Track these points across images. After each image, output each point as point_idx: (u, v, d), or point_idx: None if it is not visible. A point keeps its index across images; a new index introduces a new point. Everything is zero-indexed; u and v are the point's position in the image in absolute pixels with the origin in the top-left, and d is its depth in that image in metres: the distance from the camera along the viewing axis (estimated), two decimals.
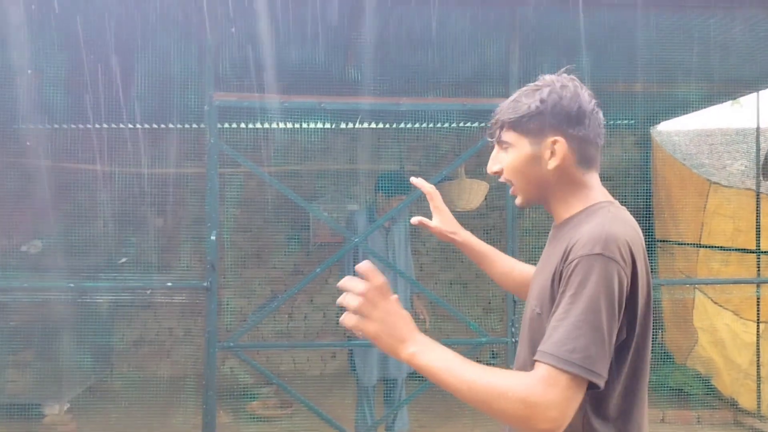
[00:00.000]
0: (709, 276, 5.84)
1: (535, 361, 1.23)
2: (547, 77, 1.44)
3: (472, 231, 1.87)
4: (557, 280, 1.32)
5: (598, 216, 1.36)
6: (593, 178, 1.46)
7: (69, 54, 3.99)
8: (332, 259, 3.88)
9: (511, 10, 3.70)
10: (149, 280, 5.32)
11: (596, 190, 1.45)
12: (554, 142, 1.40)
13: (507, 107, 1.46)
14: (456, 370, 1.22)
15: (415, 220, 1.92)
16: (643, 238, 1.38)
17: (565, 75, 1.45)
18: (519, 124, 1.43)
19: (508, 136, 1.45)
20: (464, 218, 6.84)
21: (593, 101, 1.43)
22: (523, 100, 1.43)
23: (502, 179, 1.52)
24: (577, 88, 1.41)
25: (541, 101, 1.39)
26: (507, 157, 1.47)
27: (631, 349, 1.31)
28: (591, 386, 1.22)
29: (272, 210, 6.60)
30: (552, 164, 1.41)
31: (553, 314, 1.26)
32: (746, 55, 4.65)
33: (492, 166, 1.51)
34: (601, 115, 1.45)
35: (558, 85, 1.41)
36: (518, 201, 1.51)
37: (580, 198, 1.44)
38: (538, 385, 1.18)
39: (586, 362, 1.19)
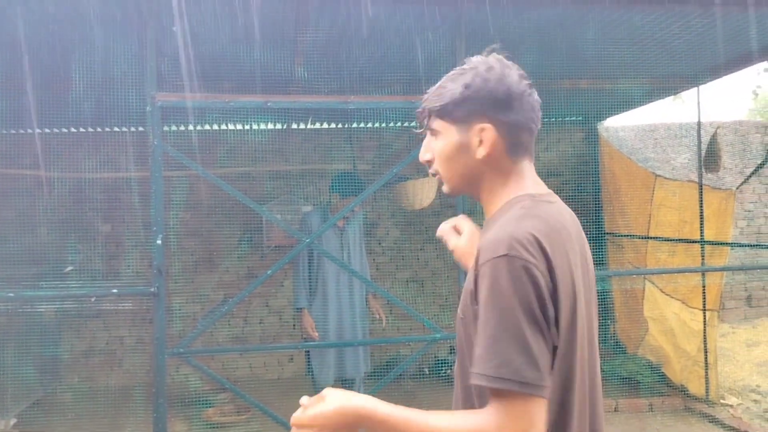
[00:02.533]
0: (657, 266, 5.99)
1: (473, 384, 1.17)
2: (474, 59, 1.33)
3: (426, 229, 1.80)
4: (475, 286, 1.22)
5: (509, 214, 1.26)
6: (525, 167, 1.35)
7: (1, 54, 3.84)
8: (283, 260, 3.83)
9: (456, 7, 3.72)
10: (93, 287, 5.17)
11: (526, 181, 1.34)
12: (482, 130, 1.29)
13: (432, 94, 1.35)
14: (414, 420, 1.17)
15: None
16: (573, 234, 1.29)
17: (493, 56, 1.34)
18: (444, 112, 1.33)
19: (435, 124, 1.36)
20: (420, 216, 6.89)
21: (524, 82, 1.31)
22: (447, 86, 1.33)
23: (431, 170, 1.41)
24: (504, 69, 1.30)
25: (465, 86, 1.29)
26: (434, 145, 1.38)
27: (557, 356, 1.18)
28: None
29: (223, 213, 6.49)
30: (481, 153, 1.31)
31: (476, 326, 1.18)
32: (686, 51, 4.78)
33: (423, 155, 1.41)
34: (535, 96, 1.34)
35: (483, 67, 1.30)
36: (445, 189, 1.41)
37: (507, 189, 1.34)
38: (494, 418, 1.11)
39: (517, 375, 1.09)
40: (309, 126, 6.93)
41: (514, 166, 1.34)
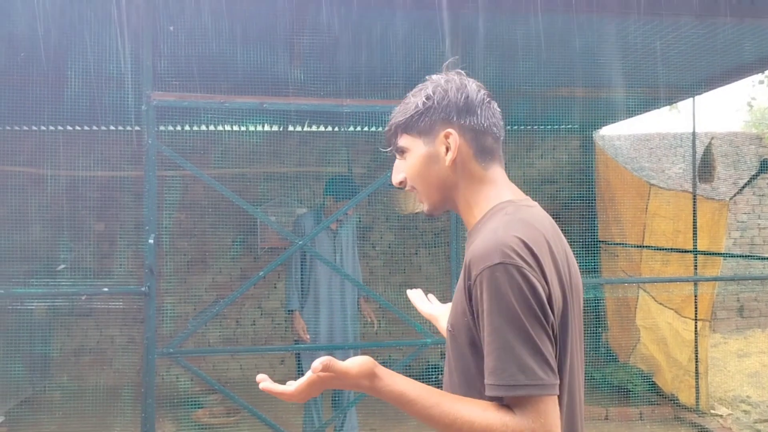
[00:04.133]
0: (650, 275, 6.00)
1: (492, 396, 1.17)
2: (434, 76, 1.40)
3: (421, 234, 1.81)
4: (467, 298, 1.24)
5: (493, 221, 1.28)
6: (497, 173, 1.38)
7: None
8: (276, 262, 3.82)
9: (454, 14, 3.73)
10: (85, 285, 5.15)
11: (501, 188, 1.37)
12: (447, 135, 1.35)
13: (397, 111, 1.41)
14: (432, 399, 1.19)
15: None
16: (554, 237, 1.31)
17: (452, 71, 1.40)
18: (410, 126, 1.38)
19: (403, 140, 1.40)
20: (414, 221, 6.89)
21: (482, 92, 1.38)
22: (411, 100, 1.39)
23: (407, 189, 1.44)
24: (462, 80, 1.38)
25: (427, 98, 1.36)
26: (405, 165, 1.41)
27: (568, 351, 1.24)
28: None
29: (217, 214, 6.48)
30: (449, 158, 1.35)
31: (483, 338, 1.19)
32: (682, 61, 4.81)
33: (396, 177, 1.44)
34: (495, 106, 1.40)
35: (443, 80, 1.38)
36: (425, 208, 1.43)
37: (484, 198, 1.36)
38: (519, 422, 1.13)
39: (533, 379, 1.13)
40: (305, 128, 6.94)
41: (486, 173, 1.37)
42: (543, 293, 1.17)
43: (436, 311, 1.73)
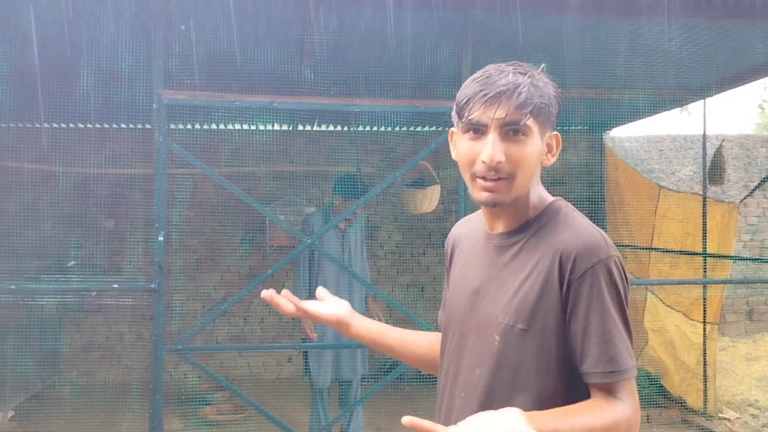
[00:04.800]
0: (659, 278, 5.98)
1: (603, 383, 1.23)
2: (524, 64, 1.32)
3: (429, 234, 1.76)
4: (560, 292, 1.24)
5: (569, 217, 1.32)
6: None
7: (11, 49, 3.86)
8: (284, 260, 3.84)
9: (464, 14, 3.73)
10: (95, 281, 5.19)
11: (542, 188, 1.39)
12: (555, 138, 1.35)
13: (532, 91, 1.26)
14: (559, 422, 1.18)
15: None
16: None
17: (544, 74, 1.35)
18: (542, 112, 1.28)
19: (531, 123, 1.27)
20: (422, 221, 6.89)
21: None
22: (540, 85, 1.29)
23: (497, 173, 1.27)
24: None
25: (556, 94, 1.32)
26: (519, 148, 1.27)
27: None
28: None
29: (226, 212, 6.51)
30: (550, 161, 1.35)
31: (586, 328, 1.23)
32: (693, 63, 4.79)
33: (497, 155, 1.25)
34: None
35: (550, 80, 1.34)
36: (503, 197, 1.29)
37: (539, 195, 1.36)
38: (627, 406, 1.22)
39: (633, 359, 1.25)
40: (314, 128, 6.95)
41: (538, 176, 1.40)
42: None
43: (343, 311, 1.56)
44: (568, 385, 1.27)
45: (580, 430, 1.18)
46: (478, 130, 1.28)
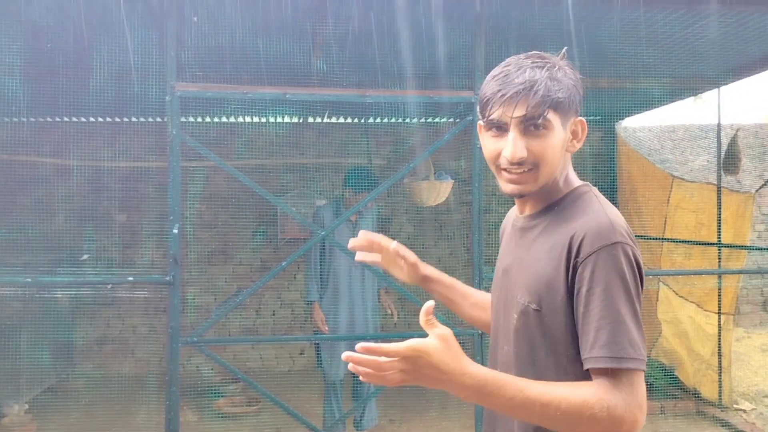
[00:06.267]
0: (672, 269, 5.93)
1: (593, 368, 1.20)
2: (544, 54, 1.35)
3: (440, 227, 1.78)
4: (567, 275, 1.25)
5: (588, 202, 1.33)
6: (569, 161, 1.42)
7: (24, 43, 3.87)
8: (297, 253, 3.83)
9: (478, 3, 3.70)
10: (109, 274, 5.21)
11: (573, 173, 1.41)
12: (580, 123, 1.37)
13: (550, 86, 1.28)
14: (521, 383, 1.19)
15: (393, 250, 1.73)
16: None
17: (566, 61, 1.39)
18: (562, 105, 1.31)
19: (551, 116, 1.30)
20: (433, 213, 6.87)
21: None
22: (559, 76, 1.31)
23: (522, 167, 1.32)
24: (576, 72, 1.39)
25: (576, 84, 1.34)
26: (541, 141, 1.30)
27: None
28: None
29: (239, 205, 6.51)
30: (576, 147, 1.37)
31: (585, 313, 1.22)
32: (708, 51, 4.73)
33: (520, 151, 1.29)
34: None
35: (571, 67, 1.36)
36: (529, 187, 1.33)
37: (564, 182, 1.39)
38: (615, 395, 1.16)
39: (638, 353, 1.19)
40: (325, 120, 6.94)
41: (567, 161, 1.40)
42: (642, 273, 1.27)
43: (422, 269, 1.71)
44: (581, 370, 1.24)
45: (522, 396, 1.16)
46: (500, 128, 1.33)
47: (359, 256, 1.74)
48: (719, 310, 5.51)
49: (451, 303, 1.69)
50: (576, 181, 1.40)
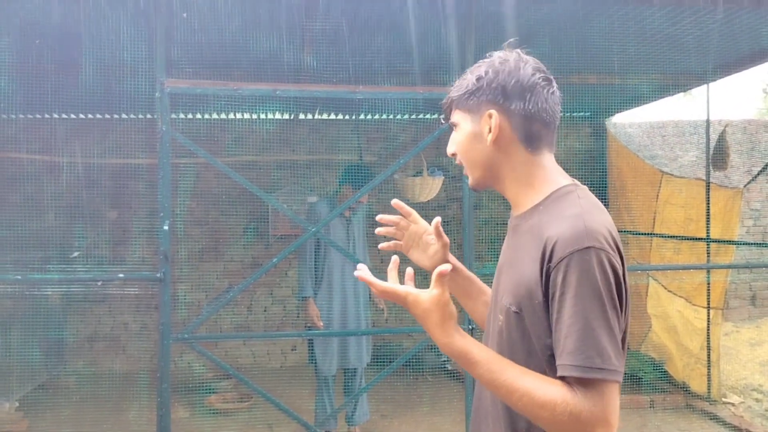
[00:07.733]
0: (661, 263, 5.98)
1: (562, 376, 1.19)
2: (494, 54, 1.40)
3: (430, 222, 1.77)
4: (541, 279, 1.24)
5: (569, 204, 1.29)
6: (547, 159, 1.38)
7: (11, 39, 3.85)
8: (289, 249, 3.84)
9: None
10: (100, 271, 5.19)
11: (554, 172, 1.37)
12: (489, 116, 1.35)
13: (455, 87, 1.45)
14: (495, 366, 1.23)
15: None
16: None
17: (514, 51, 1.38)
18: (462, 102, 1.42)
19: (455, 115, 1.45)
20: (424, 209, 6.86)
21: (537, 76, 1.34)
22: (467, 77, 1.42)
23: (457, 161, 1.50)
24: (518, 62, 1.35)
25: (478, 78, 1.37)
26: (455, 138, 1.46)
27: (625, 339, 1.27)
28: None
29: (230, 202, 6.51)
30: (489, 139, 1.36)
31: (557, 319, 1.20)
32: (697, 47, 4.76)
33: (449, 148, 1.49)
34: (549, 92, 1.35)
35: (498, 60, 1.37)
36: (470, 182, 1.48)
37: (542, 181, 1.37)
38: (581, 403, 1.15)
39: (607, 363, 1.15)
40: (316, 116, 6.94)
41: (534, 158, 1.37)
42: (622, 280, 1.22)
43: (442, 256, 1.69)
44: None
45: (499, 372, 1.22)
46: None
47: (383, 245, 1.82)
48: (708, 304, 5.56)
49: (468, 297, 1.66)
50: (562, 180, 1.37)
